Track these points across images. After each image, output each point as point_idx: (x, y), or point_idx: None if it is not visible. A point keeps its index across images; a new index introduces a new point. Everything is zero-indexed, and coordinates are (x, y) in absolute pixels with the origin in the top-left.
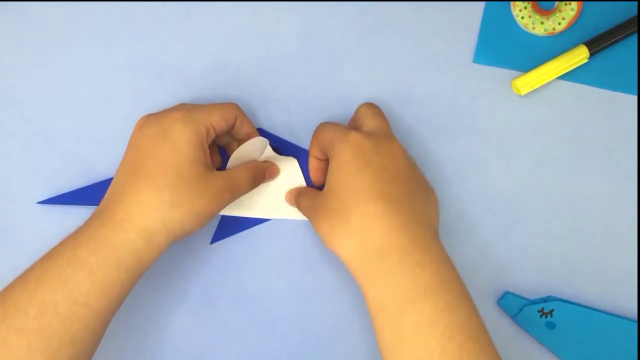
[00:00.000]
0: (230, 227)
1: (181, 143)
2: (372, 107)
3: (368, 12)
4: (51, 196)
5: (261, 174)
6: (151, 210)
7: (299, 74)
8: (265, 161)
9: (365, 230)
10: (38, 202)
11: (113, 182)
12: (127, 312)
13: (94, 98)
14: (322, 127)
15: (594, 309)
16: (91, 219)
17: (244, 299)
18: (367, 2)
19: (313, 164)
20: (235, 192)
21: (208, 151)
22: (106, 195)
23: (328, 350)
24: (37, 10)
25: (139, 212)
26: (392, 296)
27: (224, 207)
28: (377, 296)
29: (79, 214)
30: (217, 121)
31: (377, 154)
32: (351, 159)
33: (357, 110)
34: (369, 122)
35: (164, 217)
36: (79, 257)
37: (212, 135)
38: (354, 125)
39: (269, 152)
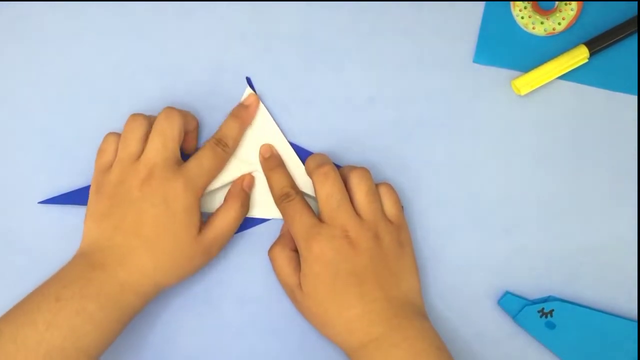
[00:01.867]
0: None
1: (181, 212)
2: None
3: (368, 12)
4: (51, 196)
5: (243, 197)
6: (149, 277)
7: (299, 74)
8: (238, 178)
9: (350, 332)
10: (38, 202)
11: (105, 231)
12: None
13: (94, 98)
14: (290, 218)
15: (594, 309)
16: (94, 265)
17: (244, 299)
18: (367, 2)
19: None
20: (222, 242)
21: (200, 209)
22: (102, 243)
23: (328, 349)
24: (37, 10)
25: (139, 279)
26: None
27: (214, 256)
28: None
29: (79, 214)
30: (215, 174)
31: (341, 259)
32: (320, 272)
33: (347, 175)
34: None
35: (159, 281)
36: (88, 310)
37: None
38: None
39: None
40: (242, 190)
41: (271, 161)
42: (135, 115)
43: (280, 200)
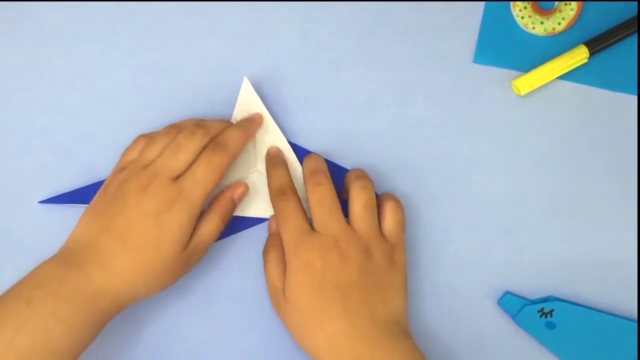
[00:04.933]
0: (230, 226)
1: (173, 229)
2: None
3: (368, 12)
4: (51, 196)
5: (227, 208)
6: (127, 284)
7: (299, 74)
8: (229, 186)
9: (331, 348)
10: (38, 202)
11: (91, 229)
12: (127, 312)
13: (94, 98)
14: (283, 219)
15: (594, 309)
16: (70, 264)
17: (244, 298)
18: (367, 2)
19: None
20: (205, 250)
21: (193, 224)
22: (85, 241)
23: None
24: (37, 10)
25: (116, 284)
26: None
27: (192, 267)
28: None
29: (79, 214)
30: (213, 184)
31: (328, 271)
32: (305, 281)
33: (348, 187)
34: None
35: (135, 290)
36: (61, 312)
37: None
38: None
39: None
40: (231, 201)
41: (275, 159)
42: (170, 126)
43: (276, 196)
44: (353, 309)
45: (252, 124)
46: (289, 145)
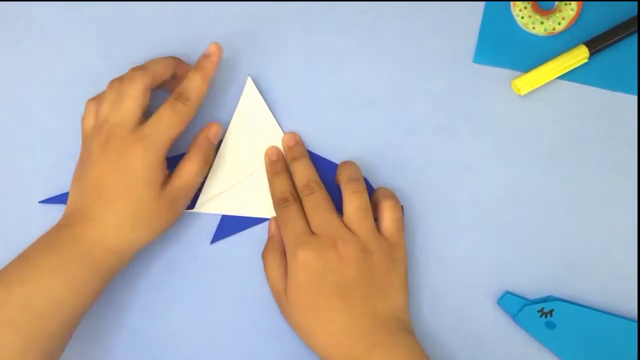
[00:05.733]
0: (230, 227)
1: (140, 170)
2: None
3: (368, 12)
4: (51, 196)
5: (206, 147)
6: (116, 232)
7: (299, 74)
8: (204, 127)
9: (332, 346)
10: (38, 202)
11: (74, 195)
12: (127, 312)
13: None
14: (284, 223)
15: (594, 309)
16: (61, 227)
17: (244, 299)
18: (367, 2)
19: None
20: (190, 192)
21: (165, 164)
22: (71, 206)
23: None
24: (37, 10)
25: (106, 234)
26: None
27: (182, 210)
28: None
29: None
30: (177, 130)
31: (327, 270)
32: (304, 282)
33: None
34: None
35: (126, 237)
36: (59, 262)
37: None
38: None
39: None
40: (208, 140)
41: (277, 165)
42: (112, 80)
43: (279, 204)
44: (352, 307)
45: (209, 60)
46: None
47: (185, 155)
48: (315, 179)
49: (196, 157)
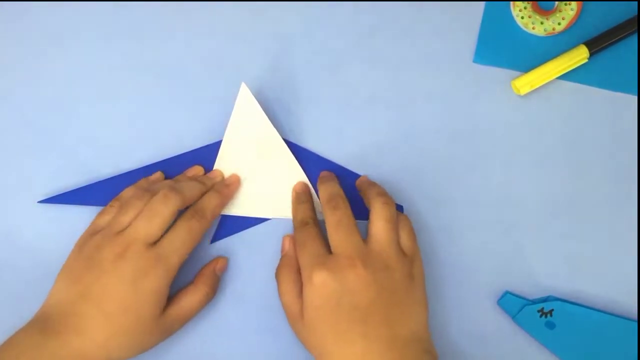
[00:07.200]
0: (230, 226)
1: (149, 294)
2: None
3: (368, 12)
4: (51, 196)
5: (212, 280)
6: (103, 350)
7: (298, 74)
8: (212, 261)
9: None
10: (38, 202)
11: (63, 295)
12: None
13: (94, 98)
14: (301, 244)
15: (594, 309)
16: (43, 331)
17: (244, 298)
18: (367, 2)
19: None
20: (184, 322)
21: (168, 290)
22: (56, 307)
23: None
24: (37, 10)
25: (92, 350)
26: None
27: (170, 335)
28: None
29: (79, 214)
30: (190, 249)
31: (345, 292)
32: (321, 305)
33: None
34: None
35: (113, 357)
36: None
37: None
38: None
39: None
40: (214, 273)
41: (303, 196)
42: (140, 187)
43: (299, 226)
44: (372, 331)
45: (229, 188)
46: (288, 149)
47: (190, 286)
48: (340, 194)
49: (204, 288)
